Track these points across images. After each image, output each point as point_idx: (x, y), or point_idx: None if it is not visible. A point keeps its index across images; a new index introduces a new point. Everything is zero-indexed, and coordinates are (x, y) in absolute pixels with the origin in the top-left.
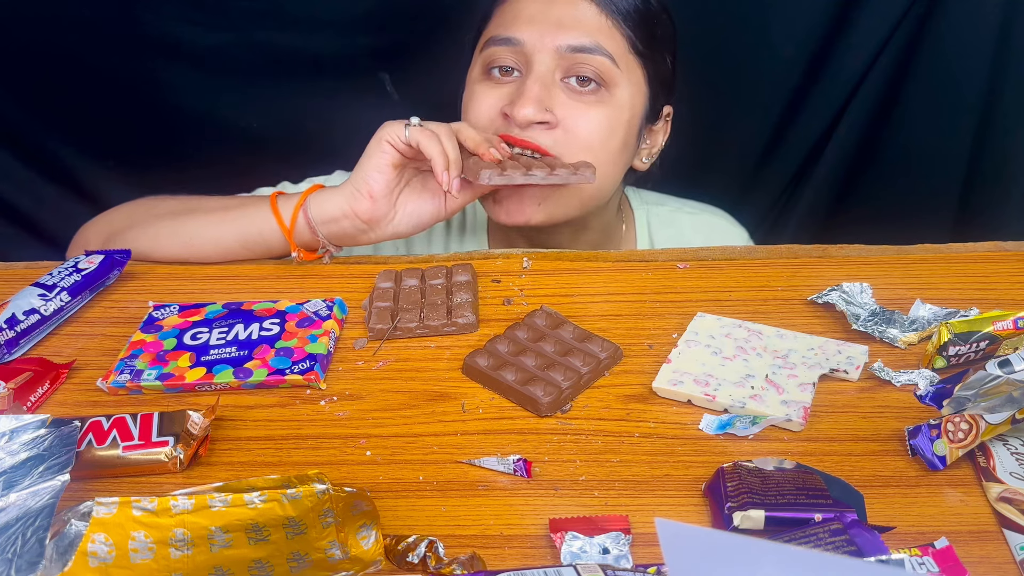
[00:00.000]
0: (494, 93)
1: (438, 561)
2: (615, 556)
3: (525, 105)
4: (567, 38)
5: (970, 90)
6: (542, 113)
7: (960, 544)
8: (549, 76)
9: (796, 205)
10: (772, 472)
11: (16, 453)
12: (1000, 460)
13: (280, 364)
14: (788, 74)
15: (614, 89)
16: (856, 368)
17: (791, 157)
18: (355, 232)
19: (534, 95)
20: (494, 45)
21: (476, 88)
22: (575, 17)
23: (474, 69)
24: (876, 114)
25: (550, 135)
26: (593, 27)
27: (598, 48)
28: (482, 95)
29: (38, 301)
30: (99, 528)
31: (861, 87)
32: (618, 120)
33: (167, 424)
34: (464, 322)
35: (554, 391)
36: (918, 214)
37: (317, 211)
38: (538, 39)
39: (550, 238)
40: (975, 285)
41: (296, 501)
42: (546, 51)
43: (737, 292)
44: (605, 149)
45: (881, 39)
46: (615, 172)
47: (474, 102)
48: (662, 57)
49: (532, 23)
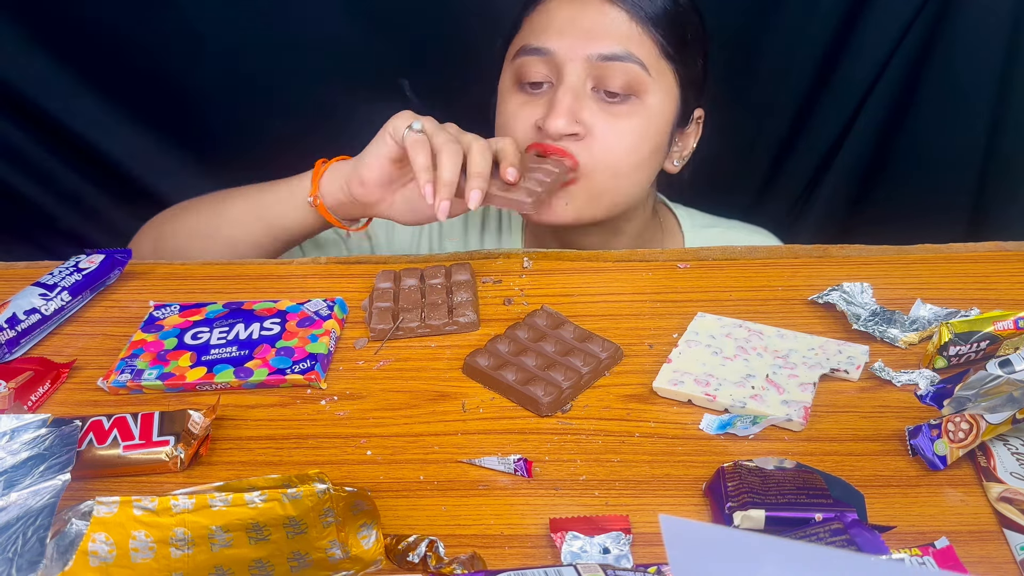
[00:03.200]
0: (527, 108)
1: (438, 561)
2: (615, 556)
3: (557, 117)
4: (597, 47)
5: (982, 93)
6: (573, 125)
7: (960, 544)
8: (580, 86)
9: (810, 211)
10: (772, 472)
11: (17, 452)
12: (1000, 460)
13: (281, 364)
14: (799, 80)
15: (645, 97)
16: (857, 368)
17: (804, 163)
18: (352, 206)
19: (565, 107)
20: (525, 55)
21: (509, 101)
22: (605, 25)
23: (505, 78)
24: (888, 118)
25: (580, 145)
26: (623, 34)
27: (629, 56)
28: (516, 110)
29: (39, 301)
30: (100, 527)
31: (873, 91)
32: (648, 128)
33: (168, 424)
34: (465, 321)
35: (554, 391)
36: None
37: (326, 181)
38: (568, 49)
39: (584, 240)
40: (976, 285)
41: (297, 501)
42: (577, 60)
43: (738, 292)
44: (634, 156)
45: (892, 43)
46: (644, 178)
47: (508, 116)
48: (693, 60)
49: (562, 32)
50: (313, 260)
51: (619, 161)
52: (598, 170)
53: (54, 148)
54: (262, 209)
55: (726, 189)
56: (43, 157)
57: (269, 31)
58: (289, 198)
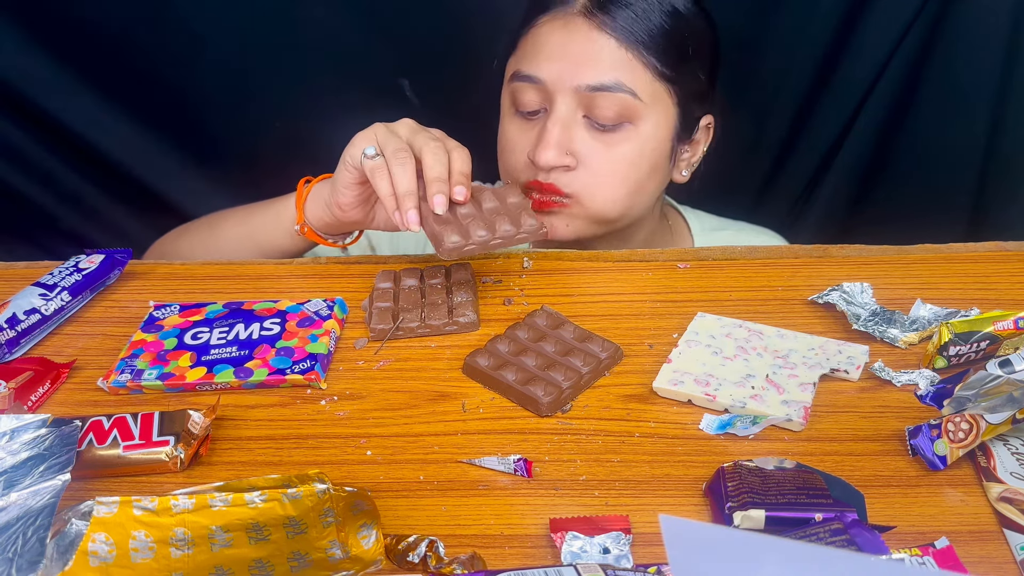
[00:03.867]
0: (523, 137)
1: (438, 561)
2: (615, 556)
3: (545, 149)
4: (586, 77)
5: (982, 93)
6: (563, 157)
7: (960, 544)
8: (570, 116)
9: (811, 211)
10: (772, 472)
11: (17, 452)
12: (1000, 460)
13: (281, 364)
14: (799, 80)
15: (638, 122)
16: (856, 368)
17: (804, 163)
18: (340, 225)
19: (553, 140)
20: (518, 80)
21: (507, 126)
22: (594, 53)
23: (504, 97)
24: (888, 118)
25: (572, 175)
26: (613, 62)
27: (618, 85)
28: (513, 138)
29: (39, 301)
30: (100, 527)
31: (873, 92)
32: (642, 152)
33: (168, 424)
34: (465, 321)
35: (554, 391)
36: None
37: (310, 205)
38: (557, 78)
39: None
40: (976, 285)
41: (297, 501)
42: (566, 91)
43: (738, 292)
44: (630, 182)
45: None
46: (644, 197)
47: (506, 143)
48: (693, 74)
49: (551, 60)
50: (313, 260)
51: (614, 189)
52: (595, 198)
53: (54, 148)
54: (254, 232)
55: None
56: (43, 157)
57: (269, 31)
58: (276, 223)
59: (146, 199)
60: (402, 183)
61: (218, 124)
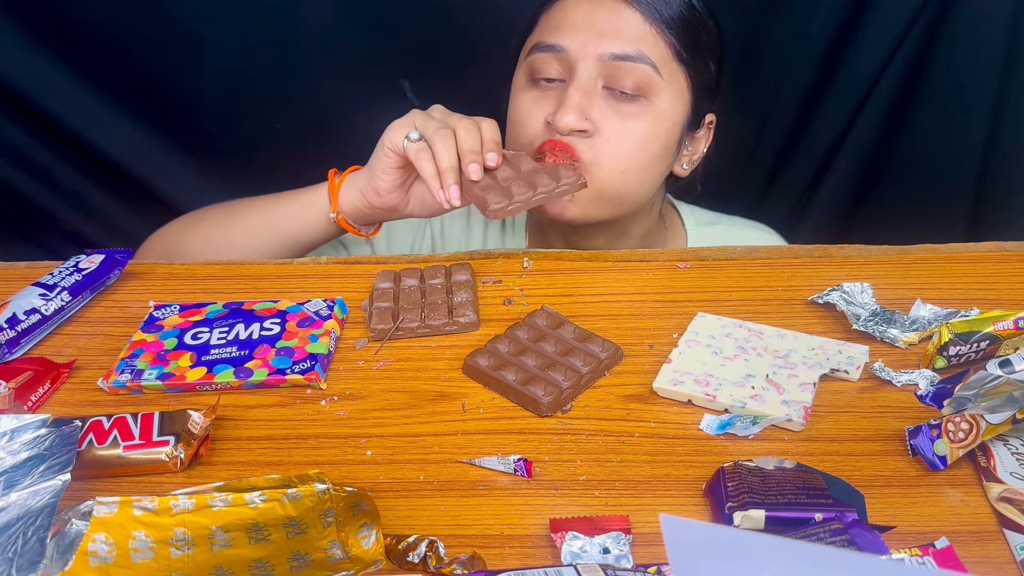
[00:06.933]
0: (540, 103)
1: (438, 561)
2: (615, 556)
3: (566, 113)
4: (610, 46)
5: (982, 93)
6: (582, 122)
7: (960, 544)
8: (591, 84)
9: (811, 211)
10: (773, 472)
11: (17, 453)
12: (1000, 460)
13: (281, 364)
14: (800, 80)
15: (655, 98)
16: (857, 368)
17: (805, 163)
18: (371, 215)
19: (575, 103)
20: (539, 51)
21: (521, 97)
22: (618, 25)
23: (519, 74)
24: (888, 119)
25: (587, 142)
26: (636, 35)
27: (641, 56)
28: (527, 106)
29: (39, 301)
30: (100, 527)
31: (873, 92)
32: (657, 129)
33: (168, 424)
34: (466, 321)
35: (554, 391)
36: (931, 217)
37: (343, 193)
38: (581, 46)
39: (589, 242)
40: (976, 285)
41: (297, 501)
42: (589, 59)
43: (738, 292)
44: (641, 156)
45: (892, 44)
46: (651, 178)
47: (520, 112)
48: (705, 64)
49: (576, 30)
50: (313, 260)
51: (626, 160)
52: (604, 168)
53: (54, 147)
54: (276, 222)
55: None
56: (43, 156)
57: (269, 31)
58: (306, 211)
59: (146, 198)
60: (444, 158)
61: (218, 123)
